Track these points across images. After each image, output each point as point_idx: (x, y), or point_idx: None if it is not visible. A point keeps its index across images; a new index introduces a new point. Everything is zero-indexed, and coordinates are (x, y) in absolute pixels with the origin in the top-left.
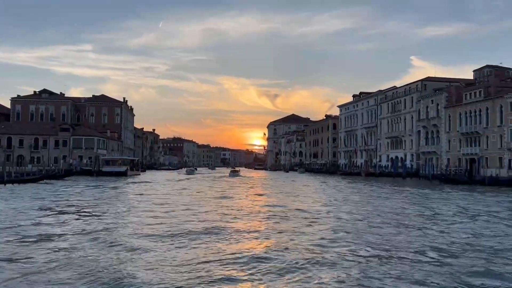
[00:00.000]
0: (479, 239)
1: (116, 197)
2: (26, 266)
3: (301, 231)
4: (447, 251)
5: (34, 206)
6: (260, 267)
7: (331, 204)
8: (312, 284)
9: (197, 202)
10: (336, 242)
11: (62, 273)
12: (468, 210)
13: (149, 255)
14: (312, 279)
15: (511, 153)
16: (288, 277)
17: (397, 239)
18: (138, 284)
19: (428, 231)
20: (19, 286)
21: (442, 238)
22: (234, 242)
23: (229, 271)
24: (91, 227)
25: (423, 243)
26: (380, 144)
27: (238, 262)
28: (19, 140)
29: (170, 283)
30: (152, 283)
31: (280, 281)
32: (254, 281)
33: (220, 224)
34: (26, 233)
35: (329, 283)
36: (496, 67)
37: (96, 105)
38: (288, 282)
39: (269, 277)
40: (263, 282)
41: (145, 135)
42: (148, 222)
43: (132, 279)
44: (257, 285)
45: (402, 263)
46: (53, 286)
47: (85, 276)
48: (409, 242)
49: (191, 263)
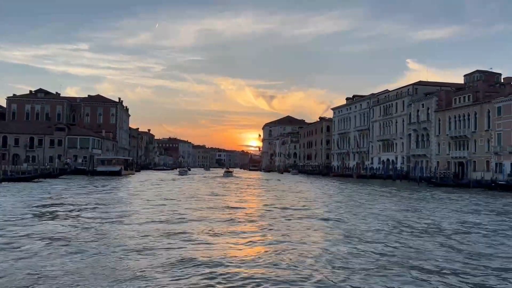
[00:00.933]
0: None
1: (102, 196)
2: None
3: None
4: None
5: (24, 203)
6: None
7: (311, 201)
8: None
9: (178, 201)
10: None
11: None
12: (429, 208)
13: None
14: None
15: (497, 157)
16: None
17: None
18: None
19: (379, 217)
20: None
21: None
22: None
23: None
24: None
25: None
26: (372, 147)
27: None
28: (14, 139)
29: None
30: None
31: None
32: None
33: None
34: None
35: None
36: (486, 72)
37: (91, 105)
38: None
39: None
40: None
41: (140, 135)
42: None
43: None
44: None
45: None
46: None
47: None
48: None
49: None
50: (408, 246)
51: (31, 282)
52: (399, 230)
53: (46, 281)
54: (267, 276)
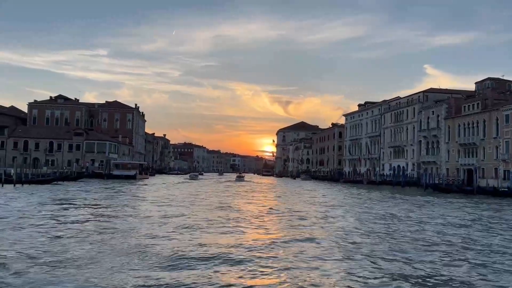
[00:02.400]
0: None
1: (113, 197)
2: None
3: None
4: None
5: (45, 202)
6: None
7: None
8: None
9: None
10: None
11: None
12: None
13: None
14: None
15: (505, 164)
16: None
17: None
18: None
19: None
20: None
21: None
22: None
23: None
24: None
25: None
26: (383, 153)
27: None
28: (35, 144)
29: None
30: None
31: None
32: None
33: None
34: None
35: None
36: (497, 80)
37: (109, 111)
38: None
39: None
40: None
41: (156, 140)
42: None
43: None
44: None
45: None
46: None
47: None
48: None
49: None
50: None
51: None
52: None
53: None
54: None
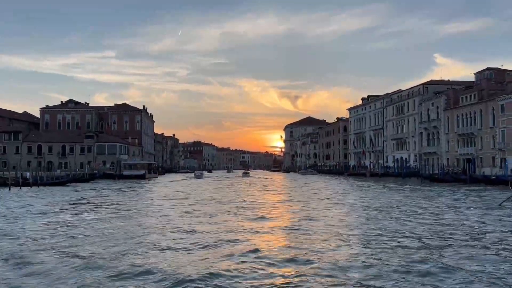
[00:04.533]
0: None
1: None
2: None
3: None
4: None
5: (66, 200)
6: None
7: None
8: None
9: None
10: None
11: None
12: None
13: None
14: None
15: (502, 152)
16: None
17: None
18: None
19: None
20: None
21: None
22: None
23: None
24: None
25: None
26: (386, 146)
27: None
28: (48, 147)
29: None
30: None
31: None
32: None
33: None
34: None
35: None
36: (497, 69)
37: (118, 113)
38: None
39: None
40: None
41: (165, 140)
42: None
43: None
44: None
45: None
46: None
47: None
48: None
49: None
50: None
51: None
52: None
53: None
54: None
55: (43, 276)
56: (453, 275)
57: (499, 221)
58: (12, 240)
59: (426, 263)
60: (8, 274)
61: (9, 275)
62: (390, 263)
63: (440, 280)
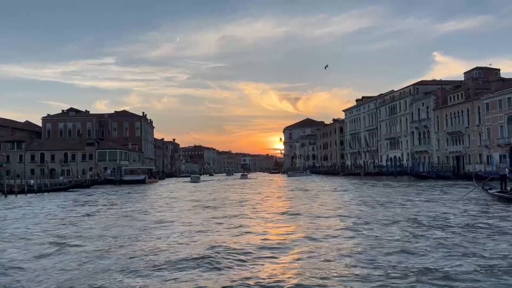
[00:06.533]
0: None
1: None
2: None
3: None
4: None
5: (71, 204)
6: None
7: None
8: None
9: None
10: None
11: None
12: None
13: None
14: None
15: (488, 149)
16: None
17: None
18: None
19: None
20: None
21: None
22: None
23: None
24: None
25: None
26: (381, 145)
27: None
28: (51, 155)
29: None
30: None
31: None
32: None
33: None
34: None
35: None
36: (485, 68)
37: (118, 120)
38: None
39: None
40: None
41: (165, 145)
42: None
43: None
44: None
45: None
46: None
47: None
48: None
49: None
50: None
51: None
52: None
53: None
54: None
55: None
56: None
57: (437, 209)
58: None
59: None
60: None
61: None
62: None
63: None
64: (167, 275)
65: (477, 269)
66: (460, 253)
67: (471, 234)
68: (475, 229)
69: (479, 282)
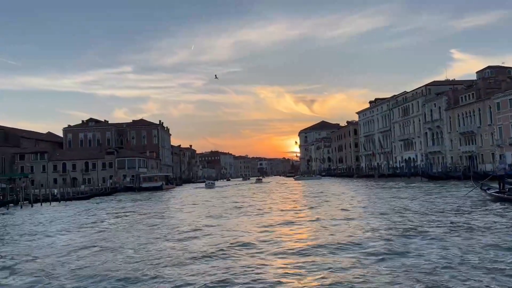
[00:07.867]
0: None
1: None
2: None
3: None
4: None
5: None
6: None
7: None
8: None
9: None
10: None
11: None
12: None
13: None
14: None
15: (500, 149)
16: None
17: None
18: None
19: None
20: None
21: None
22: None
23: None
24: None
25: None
26: (395, 147)
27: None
28: (72, 165)
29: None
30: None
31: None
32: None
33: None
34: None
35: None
36: (498, 67)
37: (136, 129)
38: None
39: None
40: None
41: (182, 152)
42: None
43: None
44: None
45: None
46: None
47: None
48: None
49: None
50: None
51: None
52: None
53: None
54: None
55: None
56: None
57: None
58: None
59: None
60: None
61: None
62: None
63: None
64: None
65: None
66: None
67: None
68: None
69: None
